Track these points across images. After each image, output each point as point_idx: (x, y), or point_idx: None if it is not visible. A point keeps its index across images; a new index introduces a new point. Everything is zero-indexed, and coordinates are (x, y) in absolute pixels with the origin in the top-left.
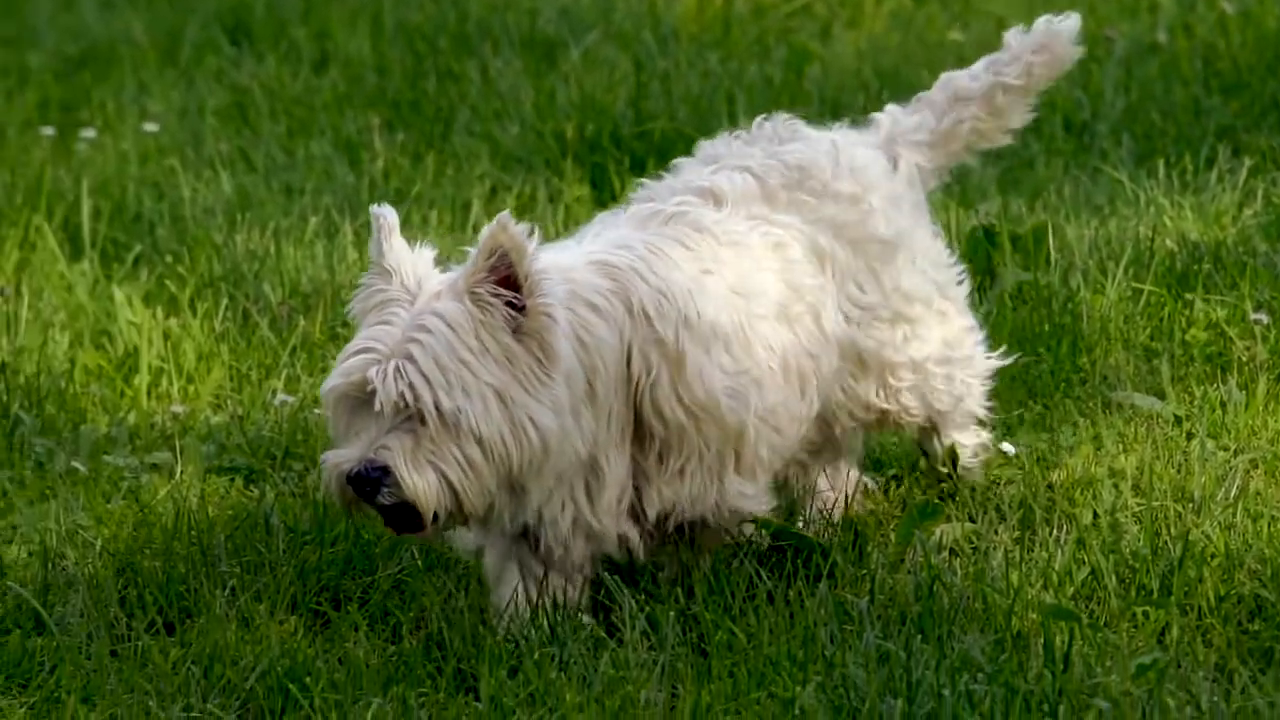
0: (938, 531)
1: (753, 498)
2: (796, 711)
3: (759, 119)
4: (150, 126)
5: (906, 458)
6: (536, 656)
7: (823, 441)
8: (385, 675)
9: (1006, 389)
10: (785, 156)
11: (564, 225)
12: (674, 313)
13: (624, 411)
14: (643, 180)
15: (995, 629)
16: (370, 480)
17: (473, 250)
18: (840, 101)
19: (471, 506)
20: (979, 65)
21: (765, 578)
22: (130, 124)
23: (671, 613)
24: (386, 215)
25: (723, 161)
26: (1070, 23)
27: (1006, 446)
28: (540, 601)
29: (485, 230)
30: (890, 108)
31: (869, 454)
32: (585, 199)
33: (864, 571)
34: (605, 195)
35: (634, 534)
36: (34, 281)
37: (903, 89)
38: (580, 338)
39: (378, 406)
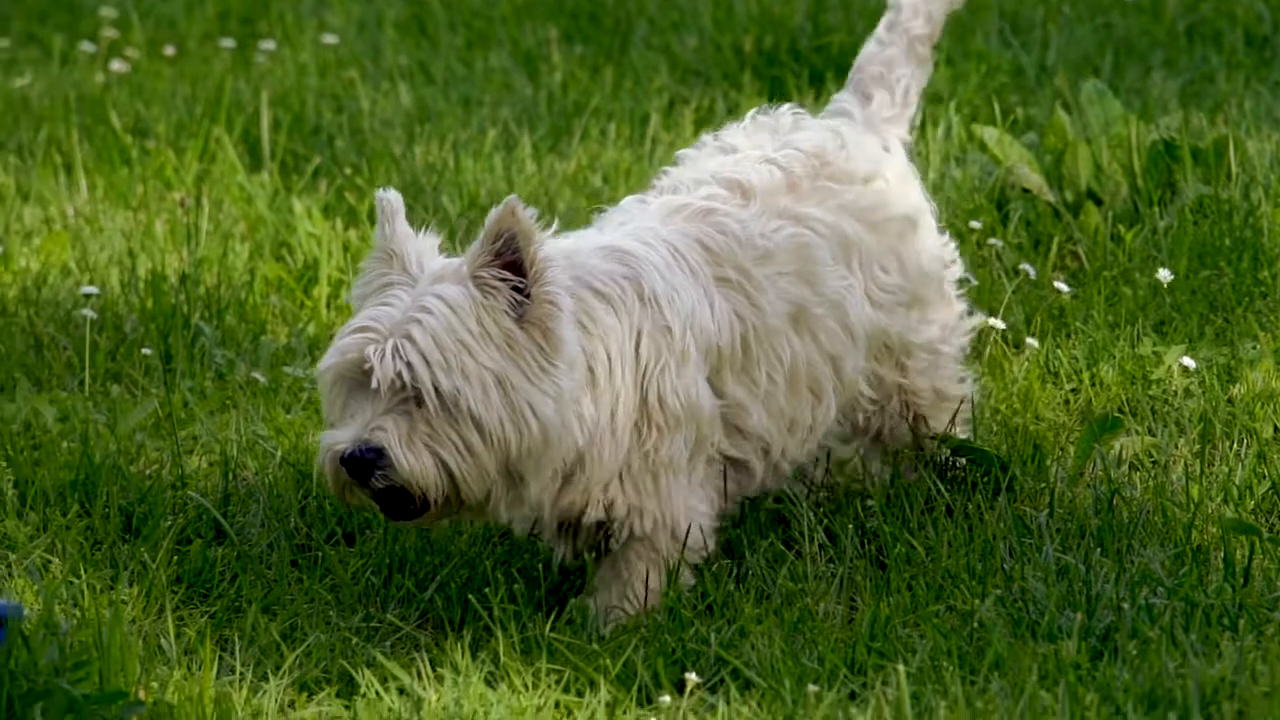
0: (1117, 445)
1: (701, 511)
2: (975, 624)
3: (753, 112)
4: (329, 38)
5: (1086, 370)
6: (715, 569)
7: (851, 433)
8: (564, 587)
9: (1188, 303)
10: (800, 144)
11: None
12: (683, 311)
13: (633, 397)
14: (665, 169)
15: (1175, 543)
16: (364, 462)
17: (480, 233)
18: (1019, 15)
19: (469, 493)
20: (881, 30)
21: (944, 491)
22: (309, 36)
23: (850, 526)
24: (391, 200)
25: (741, 150)
26: None
27: (1187, 360)
28: None
29: (493, 213)
30: (837, 96)
31: (1047, 364)
32: None
33: (1043, 485)
34: None
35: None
36: (214, 193)
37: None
38: (583, 323)
39: (374, 385)
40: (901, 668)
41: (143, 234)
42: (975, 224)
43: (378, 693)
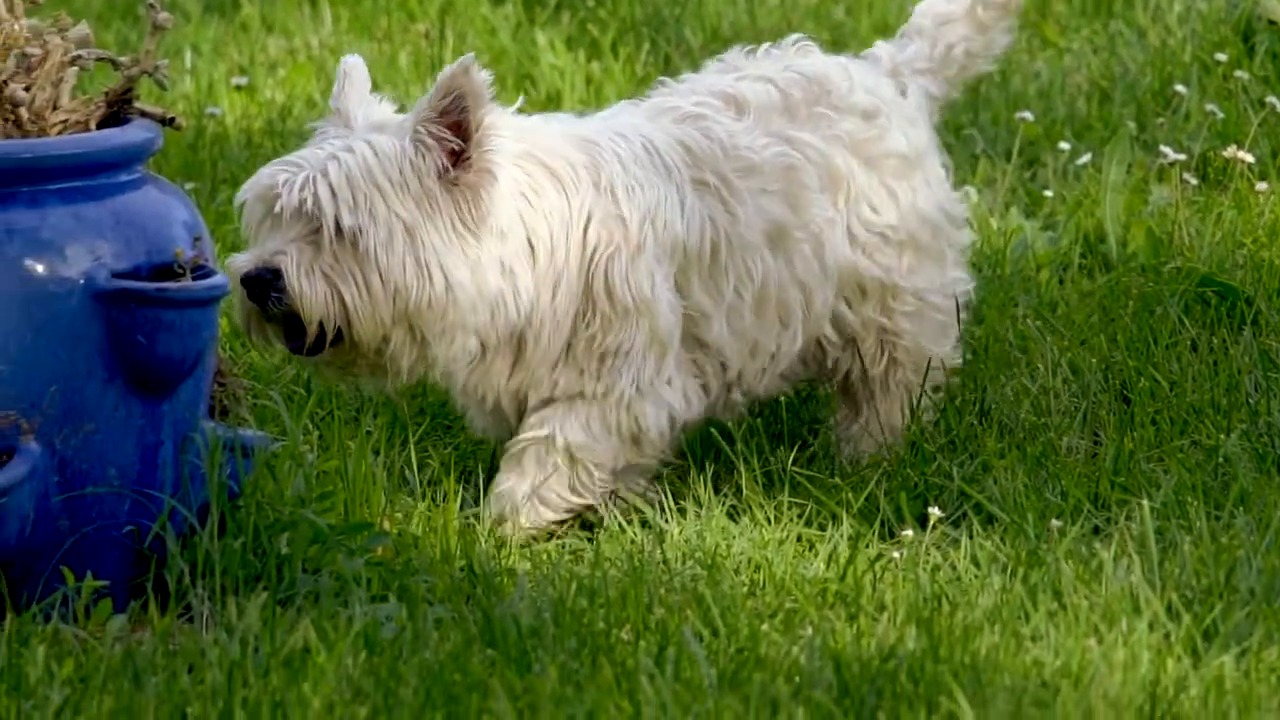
0: None
1: (667, 404)
2: (1220, 459)
3: (765, 46)
4: None
5: None
6: (958, 403)
7: (816, 374)
8: (806, 420)
9: None
10: (804, 69)
11: None
12: (644, 205)
13: (577, 282)
14: (663, 78)
15: None
16: (262, 281)
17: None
18: None
19: (361, 331)
20: None
21: (1189, 325)
22: None
23: (1094, 359)
24: (350, 64)
25: (744, 71)
26: None
27: None
28: None
29: (445, 70)
30: (880, 44)
31: None
32: None
33: None
34: None
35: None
36: (458, 24)
37: None
38: (526, 196)
39: (277, 209)
40: (1145, 503)
41: (386, 65)
42: (1221, 56)
43: (620, 525)
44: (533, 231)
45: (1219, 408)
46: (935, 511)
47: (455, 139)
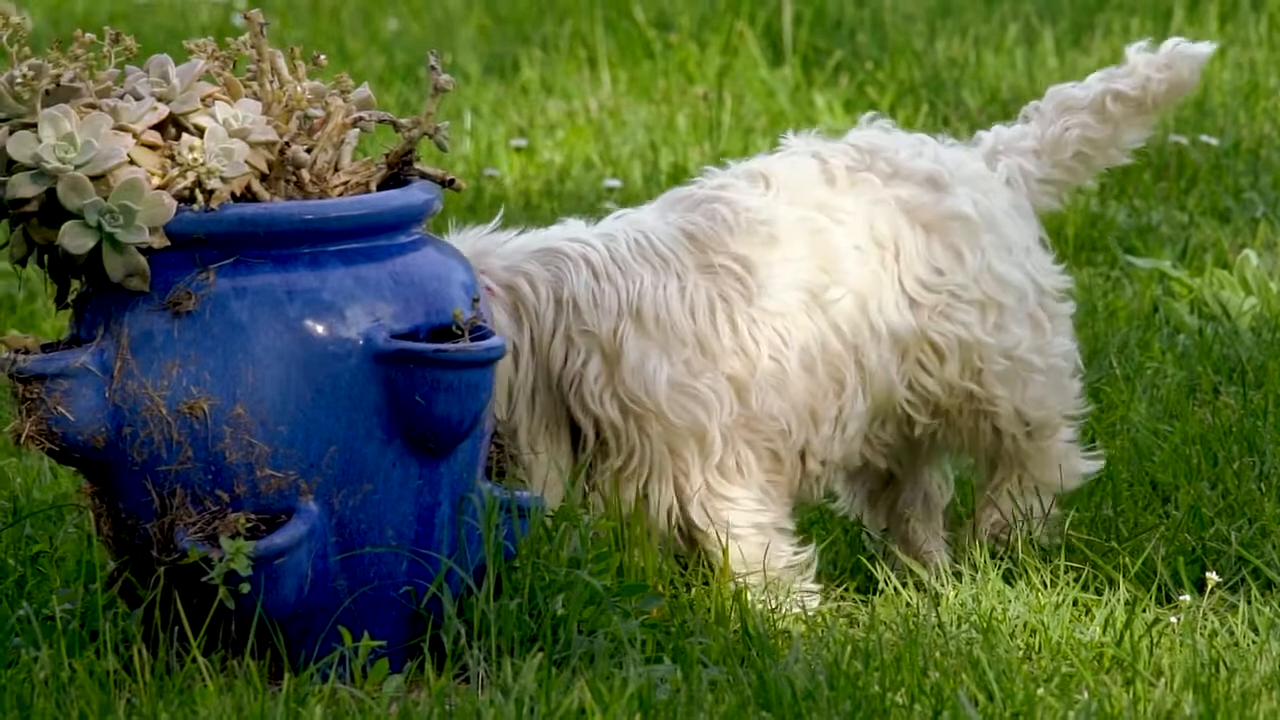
0: None
1: (737, 502)
2: None
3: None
4: None
5: None
6: (1236, 467)
7: (902, 445)
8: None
9: None
10: (857, 140)
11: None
12: (617, 305)
13: (549, 401)
14: (709, 167)
15: None
16: None
17: None
18: None
19: None
20: (1092, 76)
21: None
22: None
23: None
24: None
25: (793, 147)
26: (1202, 48)
27: None
28: None
29: None
30: (996, 127)
31: None
32: None
33: None
34: None
35: None
36: (735, 87)
37: None
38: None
39: None
40: None
41: (665, 127)
42: None
43: (895, 589)
44: None
45: None
46: (1213, 576)
47: None
